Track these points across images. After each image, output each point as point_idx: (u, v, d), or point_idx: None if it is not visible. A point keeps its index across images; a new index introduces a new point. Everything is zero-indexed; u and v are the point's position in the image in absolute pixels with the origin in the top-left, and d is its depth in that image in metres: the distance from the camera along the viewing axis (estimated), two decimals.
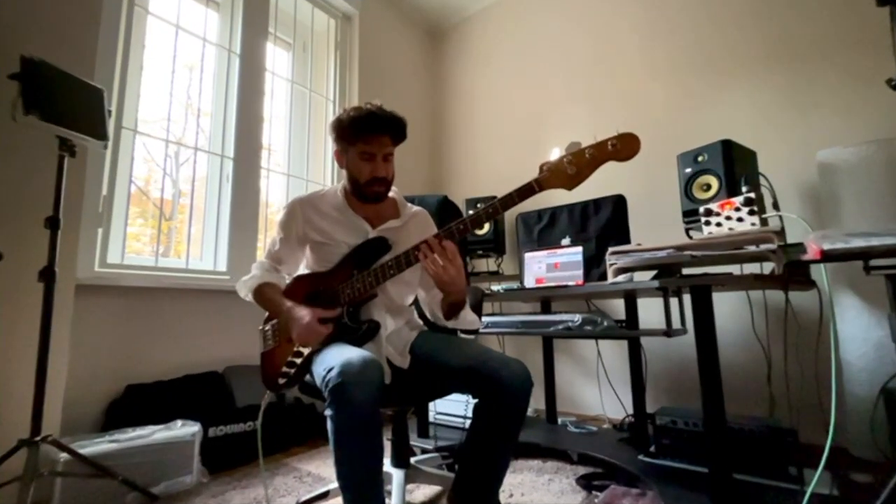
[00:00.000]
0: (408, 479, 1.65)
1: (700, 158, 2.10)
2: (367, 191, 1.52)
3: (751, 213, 1.75)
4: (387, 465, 1.66)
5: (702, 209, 1.88)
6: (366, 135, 1.46)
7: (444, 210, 1.87)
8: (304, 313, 1.36)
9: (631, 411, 2.40)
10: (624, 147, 1.20)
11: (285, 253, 1.59)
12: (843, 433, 1.87)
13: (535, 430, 2.51)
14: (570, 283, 2.29)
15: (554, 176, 1.25)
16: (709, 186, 2.06)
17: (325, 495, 1.69)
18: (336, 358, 1.18)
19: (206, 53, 2.80)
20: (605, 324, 2.04)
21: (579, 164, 1.23)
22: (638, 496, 1.78)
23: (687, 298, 1.79)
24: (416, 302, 1.70)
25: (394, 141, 1.51)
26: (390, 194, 1.65)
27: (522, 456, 2.29)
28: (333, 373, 1.13)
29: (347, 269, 1.46)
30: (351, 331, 1.42)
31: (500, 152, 3.70)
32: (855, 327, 1.90)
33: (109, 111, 1.85)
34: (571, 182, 1.24)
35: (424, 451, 2.27)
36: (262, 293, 1.53)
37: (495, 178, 3.66)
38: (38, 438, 1.54)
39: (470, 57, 4.06)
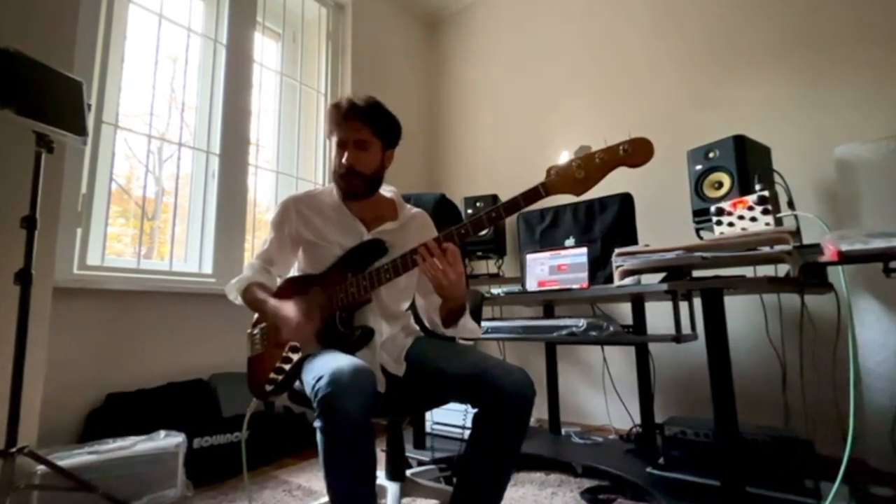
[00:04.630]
0: (403, 493, 1.64)
1: (711, 155, 2.10)
2: (341, 182, 1.51)
3: (765, 212, 1.75)
4: (381, 478, 1.66)
5: (713, 208, 1.88)
6: (337, 122, 1.48)
7: (441, 209, 1.86)
8: (291, 309, 1.36)
9: (638, 421, 2.40)
10: (636, 152, 1.20)
11: (277, 253, 1.59)
12: (862, 444, 1.86)
13: (538, 441, 2.51)
14: (575, 286, 2.29)
15: (562, 180, 1.25)
16: (720, 184, 2.07)
17: None
18: (326, 366, 1.18)
19: (190, 44, 2.80)
20: (612, 329, 2.04)
21: (589, 168, 1.22)
22: None
23: (697, 302, 1.79)
24: (412, 308, 1.69)
25: (369, 126, 1.49)
26: (388, 194, 1.65)
27: (524, 468, 2.29)
28: (323, 382, 1.12)
29: (341, 272, 1.46)
30: (343, 337, 1.42)
31: (501, 148, 3.70)
32: (874, 332, 1.91)
33: (89, 105, 1.84)
34: (580, 187, 1.24)
35: (421, 463, 2.27)
36: (250, 292, 1.52)
37: (495, 176, 3.66)
38: (13, 450, 1.53)
39: (469, 48, 4.07)
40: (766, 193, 1.75)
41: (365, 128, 1.48)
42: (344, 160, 1.48)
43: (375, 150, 1.53)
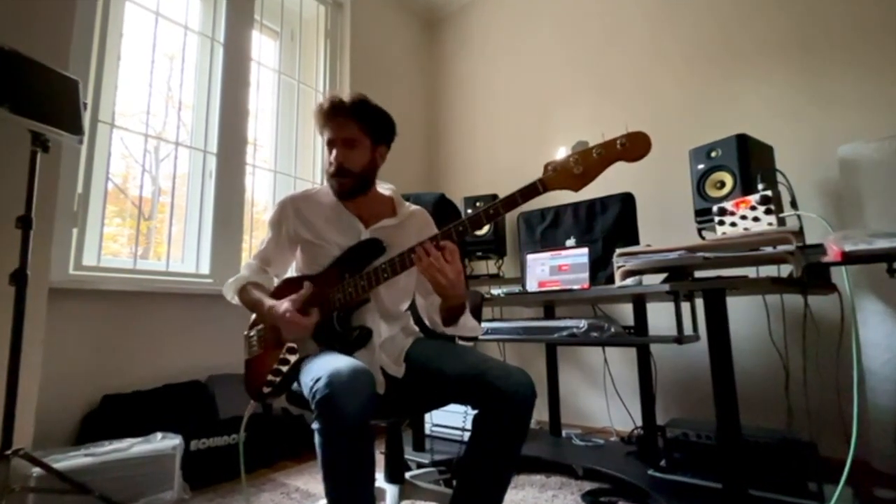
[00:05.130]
0: (402, 496, 1.65)
1: (713, 154, 2.10)
2: (332, 182, 1.53)
3: (767, 212, 1.75)
4: (380, 481, 1.66)
5: (715, 208, 1.88)
6: (323, 122, 1.50)
7: (440, 209, 1.86)
8: (285, 306, 1.36)
9: (640, 423, 2.40)
10: (634, 146, 1.20)
11: (274, 253, 1.60)
12: (866, 446, 1.87)
13: (538, 443, 2.51)
14: (575, 287, 2.29)
15: (560, 176, 1.25)
16: (723, 184, 2.07)
17: None
18: (324, 367, 1.18)
19: (187, 42, 2.80)
20: (613, 330, 2.04)
21: (587, 163, 1.23)
22: None
23: (699, 303, 1.79)
24: (412, 308, 1.69)
25: (355, 122, 1.49)
26: (386, 192, 1.65)
27: (524, 471, 2.29)
28: (321, 383, 1.13)
29: (339, 272, 1.46)
30: (341, 338, 1.42)
31: (501, 147, 3.71)
32: (878, 334, 1.90)
33: (85, 104, 1.84)
34: (578, 183, 1.24)
35: (420, 466, 2.27)
36: (247, 292, 1.53)
37: (495, 175, 3.67)
38: (9, 452, 1.53)
39: (469, 46, 4.07)
40: (768, 193, 1.75)
41: (351, 125, 1.49)
42: (332, 158, 1.49)
43: (364, 147, 1.53)
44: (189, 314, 2.49)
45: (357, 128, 1.50)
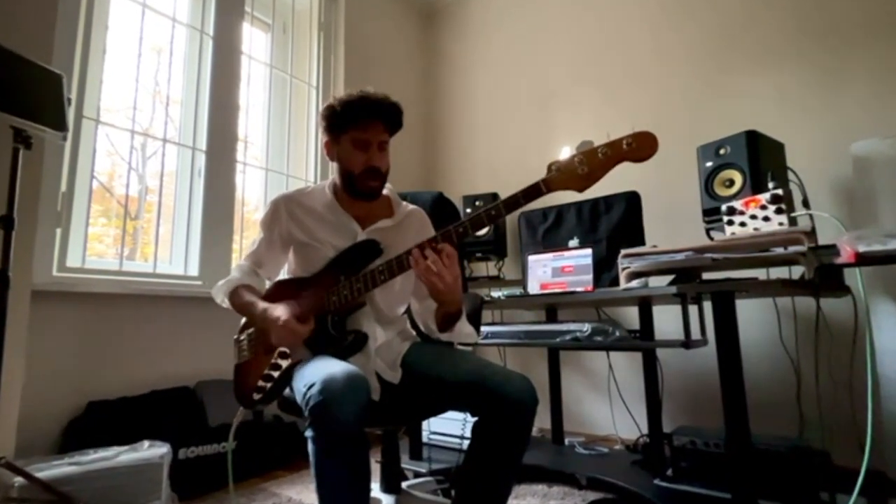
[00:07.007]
0: None
1: (722, 151, 2.10)
2: (361, 185, 1.52)
3: (778, 211, 1.75)
4: (375, 491, 1.66)
5: (724, 207, 1.88)
6: (359, 120, 1.48)
7: (438, 208, 1.87)
8: (280, 312, 1.36)
9: (645, 431, 2.40)
10: (640, 146, 1.21)
11: (266, 254, 1.60)
12: (881, 455, 1.86)
13: (540, 452, 2.51)
14: (579, 289, 2.29)
15: (563, 176, 1.26)
16: (732, 182, 2.07)
17: None
18: (318, 373, 1.18)
19: (175, 35, 2.80)
20: (618, 334, 2.04)
21: (591, 164, 1.24)
22: None
23: (707, 306, 1.79)
24: (408, 312, 1.69)
25: (388, 129, 1.52)
26: (384, 191, 1.66)
27: (526, 480, 2.28)
28: (314, 389, 1.13)
29: (334, 274, 1.46)
30: (336, 342, 1.42)
31: (501, 144, 3.71)
32: (893, 338, 1.90)
33: (69, 99, 1.84)
34: (582, 183, 1.25)
35: (417, 475, 2.27)
36: (238, 295, 1.52)
37: (495, 173, 3.67)
38: None
39: (468, 39, 4.07)
40: (779, 192, 1.76)
41: (387, 130, 1.53)
42: (374, 162, 1.50)
43: (388, 149, 1.56)
44: (177, 317, 2.48)
45: (390, 133, 1.54)
